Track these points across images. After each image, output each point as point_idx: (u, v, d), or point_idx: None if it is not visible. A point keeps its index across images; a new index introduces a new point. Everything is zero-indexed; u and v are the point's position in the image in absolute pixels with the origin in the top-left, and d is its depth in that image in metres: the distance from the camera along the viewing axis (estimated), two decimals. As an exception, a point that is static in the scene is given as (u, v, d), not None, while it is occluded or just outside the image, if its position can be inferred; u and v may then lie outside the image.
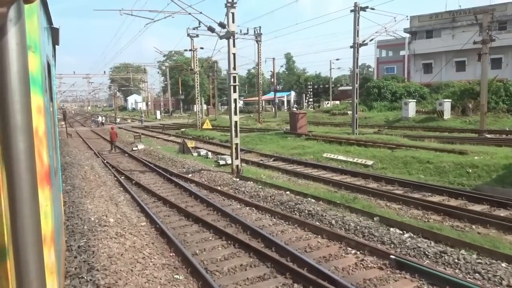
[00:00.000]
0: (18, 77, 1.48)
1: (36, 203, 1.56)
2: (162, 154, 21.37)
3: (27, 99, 1.51)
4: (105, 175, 16.06)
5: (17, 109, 1.48)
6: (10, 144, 1.48)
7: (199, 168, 16.59)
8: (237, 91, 15.26)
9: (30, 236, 1.53)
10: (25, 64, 1.52)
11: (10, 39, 1.46)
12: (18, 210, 1.50)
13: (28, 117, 1.52)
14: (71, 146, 26.16)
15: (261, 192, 12.15)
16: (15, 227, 1.51)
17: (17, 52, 1.48)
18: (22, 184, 1.50)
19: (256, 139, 24.90)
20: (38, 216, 1.57)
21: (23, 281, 1.53)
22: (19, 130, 1.49)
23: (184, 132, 35.33)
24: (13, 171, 1.49)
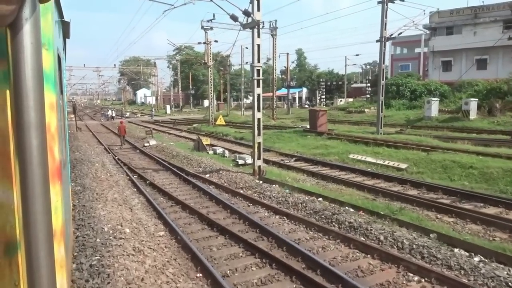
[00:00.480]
0: (32, 74, 1.52)
1: (48, 198, 1.62)
2: (176, 151, 20.25)
3: (40, 96, 1.57)
4: (116, 173, 14.97)
5: (31, 106, 1.53)
6: (24, 140, 1.53)
7: (217, 168, 15.42)
8: (261, 85, 14.04)
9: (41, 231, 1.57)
10: (39, 62, 1.56)
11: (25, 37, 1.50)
12: (30, 205, 1.55)
13: (41, 114, 1.57)
14: (81, 141, 25.18)
15: (289, 197, 10.95)
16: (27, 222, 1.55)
17: (31, 51, 1.52)
18: (34, 180, 1.55)
19: (273, 137, 23.67)
20: (49, 212, 1.62)
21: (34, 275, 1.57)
22: (32, 127, 1.54)
23: (196, 128, 34.23)
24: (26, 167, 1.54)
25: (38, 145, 1.55)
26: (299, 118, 42.34)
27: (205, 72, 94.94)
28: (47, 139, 1.64)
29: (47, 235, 1.60)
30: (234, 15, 14.02)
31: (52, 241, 1.64)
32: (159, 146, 22.86)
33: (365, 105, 41.99)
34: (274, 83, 39.71)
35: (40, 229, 1.57)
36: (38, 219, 1.57)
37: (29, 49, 1.50)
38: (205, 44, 32.86)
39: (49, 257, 1.62)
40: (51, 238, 1.63)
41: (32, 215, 1.55)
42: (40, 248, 1.57)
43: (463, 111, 29.81)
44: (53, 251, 1.65)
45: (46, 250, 1.60)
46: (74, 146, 21.73)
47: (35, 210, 1.55)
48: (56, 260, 1.79)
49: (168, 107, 68.63)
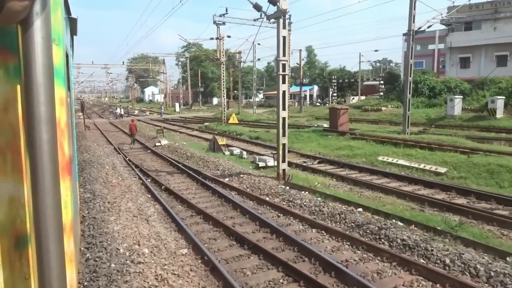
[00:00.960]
0: (43, 70, 1.55)
1: (58, 193, 1.65)
2: (190, 151, 19.10)
3: (51, 91, 1.60)
4: (128, 176, 13.85)
5: (42, 101, 1.55)
6: (34, 135, 1.55)
7: (236, 171, 14.23)
8: (286, 81, 12.81)
9: (51, 225, 1.59)
10: (49, 57, 1.60)
11: (35, 32, 1.53)
12: (41, 199, 1.57)
13: (51, 109, 1.60)
14: (90, 140, 24.16)
15: (323, 207, 9.72)
16: (37, 216, 1.57)
17: (42, 46, 1.54)
18: (44, 174, 1.57)
19: (291, 136, 22.39)
20: (59, 206, 1.65)
21: (44, 268, 1.59)
22: (42, 121, 1.56)
23: (208, 127, 33.08)
24: (36, 161, 1.56)
25: (48, 139, 1.58)
26: (313, 116, 41.05)
27: (214, 69, 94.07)
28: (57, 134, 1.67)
29: (57, 229, 1.63)
30: (258, 4, 12.80)
31: (62, 235, 1.67)
32: (171, 146, 21.73)
33: (381, 103, 40.53)
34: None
35: (50, 223, 1.59)
36: (48, 213, 1.59)
37: (39, 44, 1.53)
38: (217, 40, 31.65)
39: (59, 251, 1.64)
40: (61, 232, 1.66)
41: (42, 209, 1.58)
42: (50, 242, 1.59)
43: (489, 109, 28.30)
44: (63, 245, 1.68)
45: (56, 244, 1.62)
46: (83, 146, 20.69)
47: (45, 204, 1.58)
48: (66, 254, 1.80)
49: (177, 105, 67.59)
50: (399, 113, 35.57)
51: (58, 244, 1.63)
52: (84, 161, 15.49)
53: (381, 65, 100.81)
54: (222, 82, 32.85)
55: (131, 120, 27.33)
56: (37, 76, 1.53)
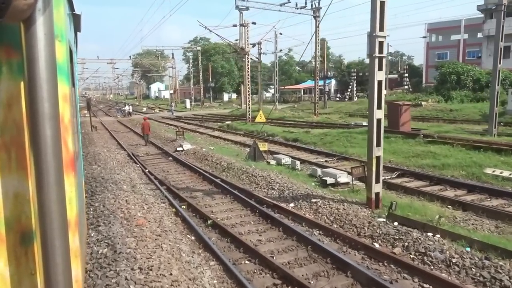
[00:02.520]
0: (46, 66, 1.55)
1: (62, 189, 1.66)
2: (223, 160, 15.27)
3: (54, 87, 1.60)
4: (155, 202, 10.05)
5: (45, 97, 1.55)
6: (38, 131, 1.55)
7: (300, 191, 10.41)
8: (383, 67, 8.91)
9: (56, 221, 1.60)
10: (52, 54, 1.59)
11: (38, 29, 1.52)
12: (45, 195, 1.58)
13: (55, 105, 1.61)
14: (98, 145, 20.38)
15: (491, 268, 5.86)
16: (42, 212, 1.58)
17: (45, 42, 1.54)
18: (49, 170, 1.57)
19: (341, 138, 18.56)
20: (64, 202, 1.66)
21: (49, 264, 1.60)
22: (46, 118, 1.56)
23: (231, 126, 29.24)
24: (40, 158, 1.56)
25: (52, 136, 1.58)
26: (342, 113, 37.07)
27: (224, 64, 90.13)
28: (60, 130, 1.67)
29: (62, 225, 1.62)
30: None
31: (67, 231, 1.67)
32: (197, 151, 17.92)
33: (420, 98, 36.41)
34: (317, 72, 34.36)
35: (55, 219, 1.58)
36: (53, 209, 1.58)
37: (42, 41, 1.52)
38: (240, 27, 27.73)
39: (64, 246, 1.64)
40: (66, 228, 1.65)
41: (47, 205, 1.57)
42: (55, 237, 1.59)
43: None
44: (68, 240, 1.67)
45: (61, 239, 1.62)
46: (91, 154, 16.88)
47: (50, 200, 1.57)
48: (71, 249, 1.79)
49: (187, 101, 63.78)
50: (444, 108, 31.62)
51: (63, 239, 1.62)
52: (94, 178, 11.67)
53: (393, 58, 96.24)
54: (247, 75, 28.89)
55: (144, 119, 23.93)
56: (40, 72, 1.52)
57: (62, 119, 1.93)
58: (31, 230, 1.90)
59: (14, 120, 1.88)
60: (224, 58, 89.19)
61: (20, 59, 1.72)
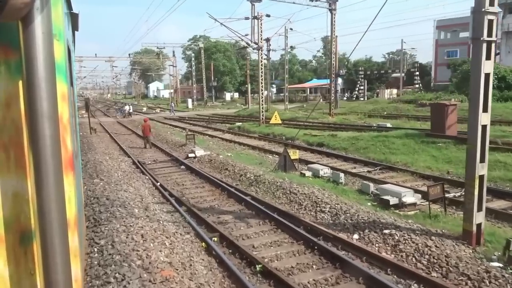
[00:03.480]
0: (44, 65, 1.54)
1: (61, 188, 1.65)
2: (247, 170, 12.95)
3: (52, 86, 1.59)
4: (176, 231, 7.72)
5: (44, 97, 1.55)
6: (37, 131, 1.55)
7: (362, 218, 8.10)
8: (492, 56, 6.59)
9: (56, 221, 1.59)
10: (51, 53, 1.59)
11: (36, 28, 1.51)
12: (44, 195, 1.57)
13: (54, 105, 1.60)
14: (99, 150, 17.97)
15: None
16: (41, 211, 1.58)
17: (43, 41, 1.53)
18: (48, 170, 1.57)
19: (376, 143, 16.27)
20: (63, 201, 1.66)
21: (49, 263, 1.59)
22: (45, 117, 1.55)
23: (242, 128, 26.91)
24: (39, 157, 1.55)
25: (51, 135, 1.57)
26: (358, 113, 34.77)
27: (225, 62, 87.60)
28: (59, 130, 1.66)
29: (61, 224, 1.62)
30: None
31: (66, 230, 1.67)
32: (212, 158, 15.59)
33: (441, 97, 34.14)
34: (333, 69, 32.01)
35: (54, 218, 1.58)
36: (52, 209, 1.58)
37: (40, 40, 1.51)
38: (253, 20, 25.39)
39: (64, 246, 1.63)
40: (65, 227, 1.65)
41: (46, 205, 1.57)
42: (54, 237, 1.58)
43: None
44: (67, 240, 1.67)
45: (61, 239, 1.61)
46: (91, 163, 14.46)
47: (49, 200, 1.57)
48: (70, 249, 1.79)
49: (189, 101, 61.35)
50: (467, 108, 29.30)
51: (62, 239, 1.62)
52: (97, 198, 9.27)
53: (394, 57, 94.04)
54: (260, 73, 26.51)
55: (144, 120, 21.75)
56: (38, 71, 1.52)
57: (60, 118, 1.88)
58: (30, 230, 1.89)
59: (13, 120, 1.88)
60: (225, 56, 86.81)
61: (18, 59, 1.72)
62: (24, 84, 1.58)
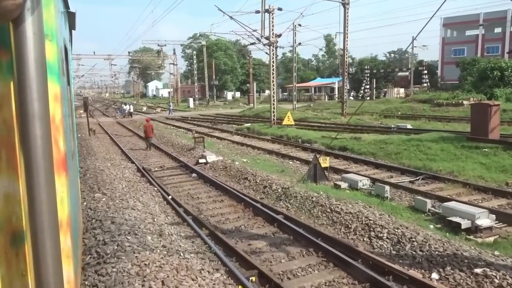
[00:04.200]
0: (36, 66, 1.54)
1: (53, 189, 1.65)
2: (272, 181, 11.24)
3: (44, 87, 1.59)
4: (203, 269, 6.00)
5: (35, 98, 1.54)
6: (28, 131, 1.54)
7: (435, 248, 6.41)
8: None
9: (47, 221, 1.59)
10: (42, 53, 1.58)
11: (27, 28, 1.50)
12: (36, 196, 1.56)
13: (45, 105, 1.60)
14: (99, 156, 16.20)
15: None
16: (33, 212, 1.57)
17: (34, 41, 1.52)
18: (39, 170, 1.56)
19: (409, 148, 14.59)
20: (54, 202, 1.65)
21: (40, 264, 1.59)
22: (36, 118, 1.55)
23: (252, 129, 25.18)
24: (30, 158, 1.55)
25: (43, 136, 1.57)
26: (370, 113, 33.11)
27: (226, 61, 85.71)
28: (51, 130, 1.67)
29: (53, 225, 1.62)
30: None
31: (58, 231, 1.66)
32: (227, 165, 13.88)
33: (459, 96, 32.50)
34: (345, 67, 30.29)
35: (45, 219, 1.58)
36: (44, 210, 1.58)
37: (31, 40, 1.51)
38: (264, 13, 23.66)
39: (55, 247, 1.64)
40: (57, 228, 1.65)
41: (37, 206, 1.57)
42: (46, 238, 1.58)
43: None
44: (59, 241, 1.67)
45: (52, 240, 1.61)
46: (91, 171, 12.68)
47: (41, 201, 1.57)
48: (62, 250, 1.80)
49: (190, 100, 59.53)
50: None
51: (54, 240, 1.62)
52: (101, 221, 7.51)
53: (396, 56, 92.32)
54: (272, 71, 24.75)
55: (146, 120, 20.40)
56: (29, 72, 1.52)
57: (53, 119, 1.92)
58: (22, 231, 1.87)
59: (4, 120, 1.88)
60: (226, 55, 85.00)
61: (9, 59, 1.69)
62: (15, 85, 1.59)
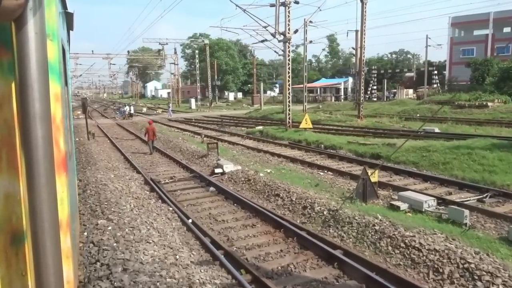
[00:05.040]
0: (37, 66, 1.53)
1: (53, 189, 1.64)
2: (309, 197, 9.28)
3: (45, 87, 1.58)
4: None
5: (36, 97, 1.54)
6: (29, 131, 1.54)
7: None
8: None
9: (47, 221, 1.58)
10: (44, 53, 1.58)
11: (29, 28, 1.50)
12: (36, 196, 1.56)
13: (46, 105, 1.59)
14: (100, 165, 14.11)
15: None
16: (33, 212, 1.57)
17: (36, 41, 1.52)
18: (40, 170, 1.56)
19: (459, 156, 12.65)
20: (55, 202, 1.65)
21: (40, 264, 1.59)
22: (37, 118, 1.55)
23: (266, 133, 23.21)
24: (31, 158, 1.55)
25: (44, 136, 1.56)
26: (388, 115, 31.21)
27: (228, 60, 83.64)
28: (52, 130, 1.65)
29: (53, 226, 1.60)
30: None
31: (58, 231, 1.66)
32: (249, 176, 11.94)
33: (481, 97, 30.62)
34: (362, 66, 28.37)
35: (46, 219, 1.57)
36: (44, 210, 1.57)
37: (33, 40, 1.50)
38: (279, 7, 21.70)
39: (55, 247, 1.63)
40: (57, 229, 1.64)
41: (38, 206, 1.55)
42: (46, 238, 1.57)
43: None
44: (59, 241, 1.67)
45: (52, 240, 1.60)
46: (92, 185, 10.62)
47: (41, 201, 1.55)
48: (62, 250, 1.79)
49: (192, 101, 57.51)
50: None
51: (54, 240, 1.61)
52: (108, 267, 5.45)
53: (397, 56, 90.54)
54: (287, 69, 22.79)
55: (149, 122, 18.74)
56: (31, 72, 1.51)
57: (53, 119, 1.88)
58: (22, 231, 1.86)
59: (5, 120, 1.87)
60: (228, 54, 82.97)
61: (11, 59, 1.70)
62: (16, 85, 1.55)
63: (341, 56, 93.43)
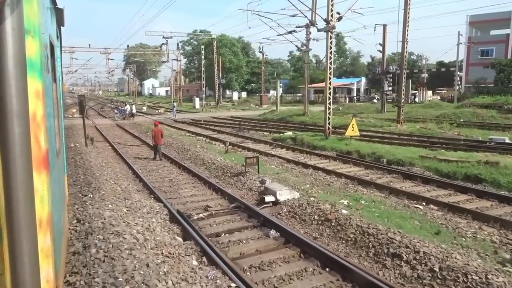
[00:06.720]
0: (14, 62, 1.51)
1: (31, 186, 1.61)
2: (456, 266, 5.56)
3: (23, 84, 1.57)
4: None
5: (13, 94, 1.51)
6: (6, 128, 1.50)
7: None
8: None
9: (24, 220, 1.55)
10: (21, 49, 1.56)
11: (6, 24, 1.49)
12: (12, 193, 1.52)
13: (24, 102, 1.57)
14: (105, 187, 10.10)
15: None
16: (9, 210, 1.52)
17: (13, 37, 1.50)
18: (16, 169, 1.52)
19: None
20: (32, 200, 1.61)
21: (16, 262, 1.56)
22: (14, 114, 1.51)
23: (300, 141, 19.44)
24: (8, 155, 1.50)
25: (21, 133, 1.52)
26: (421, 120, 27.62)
27: (232, 58, 79.66)
28: (31, 128, 1.61)
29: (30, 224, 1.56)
30: None
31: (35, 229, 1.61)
32: (319, 210, 8.18)
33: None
34: (404, 64, 24.74)
35: (22, 218, 1.52)
36: (21, 208, 1.52)
37: (10, 36, 1.47)
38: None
39: (32, 245, 1.58)
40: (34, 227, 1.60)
41: (14, 204, 1.51)
42: (22, 237, 1.53)
43: None
44: (36, 239, 1.62)
45: (29, 239, 1.56)
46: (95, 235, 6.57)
47: (18, 199, 1.51)
48: (41, 249, 1.75)
49: (197, 100, 53.61)
50: None
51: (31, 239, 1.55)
52: None
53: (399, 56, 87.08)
54: (329, 63, 19.12)
55: (155, 124, 15.93)
56: (7, 68, 1.46)
57: (33, 116, 1.85)
58: None
59: None
60: (232, 52, 79.01)
61: None
62: None
63: (348, 55, 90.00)
